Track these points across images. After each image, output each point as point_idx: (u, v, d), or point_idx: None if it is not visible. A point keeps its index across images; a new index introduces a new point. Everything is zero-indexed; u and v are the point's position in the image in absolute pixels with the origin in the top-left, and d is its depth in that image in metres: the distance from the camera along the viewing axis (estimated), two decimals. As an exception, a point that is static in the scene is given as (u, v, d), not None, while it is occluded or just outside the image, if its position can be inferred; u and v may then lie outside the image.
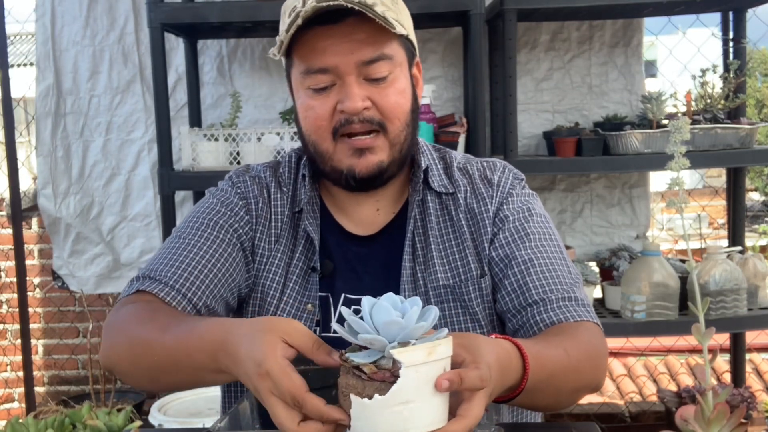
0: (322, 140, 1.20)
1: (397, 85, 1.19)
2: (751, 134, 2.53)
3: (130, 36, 2.94)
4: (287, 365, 0.85)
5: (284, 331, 0.88)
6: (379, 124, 1.18)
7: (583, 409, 3.15)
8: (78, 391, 3.44)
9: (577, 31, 2.89)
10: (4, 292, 3.48)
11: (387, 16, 1.13)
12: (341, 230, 1.29)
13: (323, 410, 0.82)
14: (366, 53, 1.15)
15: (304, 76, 1.18)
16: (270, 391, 0.85)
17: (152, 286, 1.16)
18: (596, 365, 1.13)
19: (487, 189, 1.30)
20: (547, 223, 1.29)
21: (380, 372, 0.79)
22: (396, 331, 0.80)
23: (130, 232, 3.03)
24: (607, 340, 1.19)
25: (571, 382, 1.08)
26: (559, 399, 1.11)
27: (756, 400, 2.38)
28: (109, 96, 2.98)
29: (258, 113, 2.94)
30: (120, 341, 1.10)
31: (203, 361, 0.96)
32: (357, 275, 1.26)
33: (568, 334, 1.12)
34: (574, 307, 1.17)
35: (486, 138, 2.61)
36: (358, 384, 0.80)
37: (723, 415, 0.77)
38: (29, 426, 1.06)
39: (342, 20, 1.13)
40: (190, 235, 1.23)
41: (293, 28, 1.11)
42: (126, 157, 3.00)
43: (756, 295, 2.52)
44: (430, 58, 2.91)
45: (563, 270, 1.22)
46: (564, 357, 1.04)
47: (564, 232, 2.96)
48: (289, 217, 1.29)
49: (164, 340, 1.03)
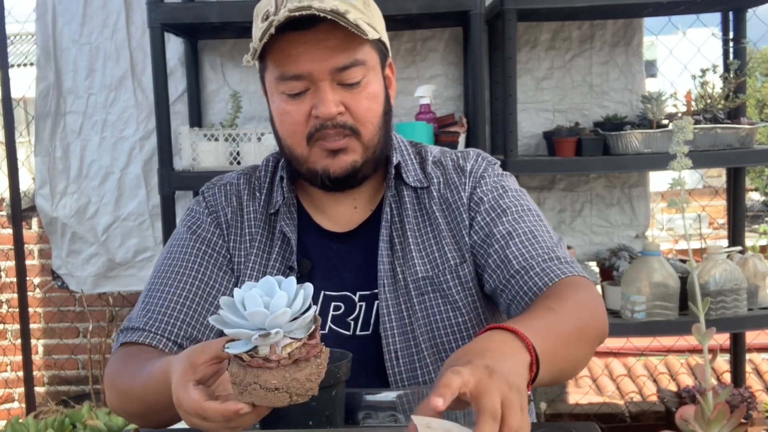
0: (297, 144, 1.22)
1: (370, 89, 1.21)
2: (751, 134, 2.53)
3: (121, 32, 2.91)
4: (187, 385, 0.90)
5: (189, 356, 0.94)
6: (352, 129, 1.20)
7: (583, 409, 3.15)
8: (78, 391, 3.44)
9: (577, 30, 2.89)
10: (4, 292, 3.48)
11: (359, 22, 1.14)
12: (319, 229, 1.31)
13: (220, 409, 0.87)
14: (339, 60, 1.17)
15: (278, 81, 1.20)
16: (186, 413, 0.91)
17: (134, 335, 1.23)
18: (594, 313, 1.12)
19: (460, 177, 1.32)
20: (522, 196, 1.30)
21: (255, 360, 0.84)
22: (260, 320, 0.83)
23: (124, 231, 3.00)
24: (607, 340, 1.19)
25: (575, 336, 1.05)
26: (575, 353, 1.06)
27: (756, 400, 2.38)
28: (104, 93, 2.95)
29: (253, 109, 2.91)
30: (110, 395, 1.18)
31: (169, 396, 0.99)
32: (336, 272, 1.28)
33: (550, 295, 1.12)
34: (557, 266, 1.18)
35: (486, 138, 2.61)
36: (240, 371, 0.85)
37: (723, 415, 0.77)
38: (29, 426, 1.06)
39: (315, 26, 1.14)
40: (163, 274, 1.28)
41: (266, 36, 1.13)
42: (119, 156, 2.97)
43: (756, 295, 2.52)
44: (430, 57, 2.91)
45: (544, 235, 1.23)
46: (550, 313, 1.03)
47: (564, 232, 2.96)
48: (264, 220, 1.31)
49: (134, 388, 1.10)
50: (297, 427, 1.04)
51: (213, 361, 0.93)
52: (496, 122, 2.75)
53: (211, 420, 0.88)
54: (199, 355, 0.93)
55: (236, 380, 0.86)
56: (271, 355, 0.84)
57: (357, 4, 1.18)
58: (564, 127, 2.70)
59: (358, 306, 1.27)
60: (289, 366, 0.84)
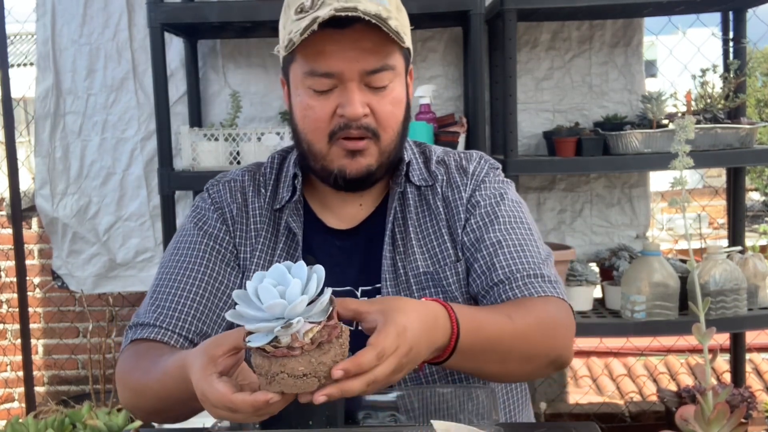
0: (318, 141, 1.22)
1: (395, 94, 1.22)
2: (751, 134, 2.53)
3: (123, 33, 2.91)
4: (211, 378, 0.91)
5: (207, 349, 0.94)
6: (374, 132, 1.21)
7: (583, 409, 3.15)
8: (78, 391, 3.44)
9: (577, 30, 2.89)
10: (4, 292, 3.48)
11: (398, 30, 1.15)
12: (322, 226, 1.33)
13: (249, 401, 0.87)
14: (371, 63, 1.17)
15: (306, 75, 1.19)
16: (212, 407, 0.91)
17: (145, 332, 1.23)
18: (552, 335, 1.14)
19: (462, 178, 1.33)
20: (518, 207, 1.32)
21: (279, 349, 0.85)
22: (278, 311, 0.84)
23: (125, 232, 3.01)
24: (606, 340, 1.19)
25: (518, 348, 1.10)
26: (507, 366, 1.12)
27: (756, 400, 2.38)
28: (104, 94, 2.96)
29: (254, 110, 2.92)
30: (123, 392, 1.18)
31: (184, 390, 1.01)
32: (341, 268, 1.29)
33: (520, 304, 1.14)
34: (540, 284, 1.20)
35: (486, 138, 2.61)
36: (264, 362, 0.86)
37: (723, 415, 0.77)
38: (29, 426, 1.06)
39: (350, 26, 1.14)
40: (171, 269, 1.28)
41: (308, 32, 1.12)
42: (121, 156, 2.98)
43: (756, 295, 2.52)
44: (430, 57, 2.91)
45: (532, 250, 1.25)
46: (507, 322, 1.07)
47: (564, 232, 2.96)
48: (269, 216, 1.32)
49: (149, 383, 1.10)
50: (297, 427, 1.04)
51: (231, 353, 0.93)
52: (496, 122, 2.75)
53: (240, 411, 0.89)
54: (217, 347, 0.93)
55: (262, 371, 0.86)
56: (293, 342, 0.84)
57: (392, 9, 1.18)
58: (564, 127, 2.70)
59: None
60: (313, 351, 0.85)
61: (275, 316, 0.84)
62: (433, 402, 1.13)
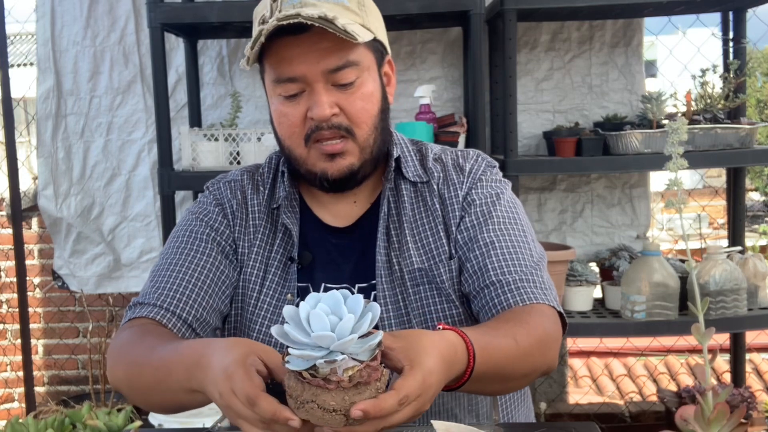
0: (296, 146, 1.24)
1: (364, 89, 1.22)
2: (751, 134, 2.53)
3: (130, 36, 2.95)
4: (251, 368, 0.89)
5: (257, 347, 0.94)
6: (347, 130, 1.22)
7: (583, 409, 3.15)
8: (78, 391, 3.44)
9: (577, 31, 2.89)
10: (4, 292, 3.48)
11: (348, 28, 1.14)
12: (320, 223, 1.34)
13: (273, 407, 0.85)
14: (332, 61, 1.18)
15: (275, 84, 1.22)
16: (231, 391, 0.88)
17: (144, 310, 1.22)
18: (546, 350, 1.14)
19: (458, 176, 1.33)
20: (514, 208, 1.32)
21: (315, 379, 0.83)
22: (326, 343, 0.82)
23: (131, 232, 3.04)
24: (606, 340, 1.19)
25: (520, 368, 1.10)
26: (507, 384, 1.14)
27: (756, 400, 2.38)
28: (110, 97, 2.99)
29: (259, 113, 2.95)
30: (117, 365, 1.17)
31: (180, 378, 1.00)
32: (336, 265, 1.30)
33: (519, 320, 1.14)
34: (531, 289, 1.20)
35: (486, 138, 2.61)
36: (298, 386, 0.84)
37: (723, 415, 0.77)
38: (29, 426, 1.06)
39: (308, 29, 1.15)
40: (172, 255, 1.29)
41: (257, 45, 1.15)
42: (126, 158, 3.01)
43: (756, 295, 2.52)
44: (430, 58, 2.91)
45: (525, 253, 1.25)
46: (513, 346, 1.07)
47: (564, 232, 2.96)
48: (267, 214, 1.34)
49: (151, 359, 1.08)
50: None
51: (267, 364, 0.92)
52: (496, 122, 2.75)
53: (258, 411, 0.86)
54: (263, 351, 0.93)
55: (293, 394, 0.85)
56: (332, 375, 0.82)
57: (351, 5, 1.20)
58: (564, 127, 2.71)
59: None
60: (349, 389, 0.83)
61: (320, 345, 0.82)
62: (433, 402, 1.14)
